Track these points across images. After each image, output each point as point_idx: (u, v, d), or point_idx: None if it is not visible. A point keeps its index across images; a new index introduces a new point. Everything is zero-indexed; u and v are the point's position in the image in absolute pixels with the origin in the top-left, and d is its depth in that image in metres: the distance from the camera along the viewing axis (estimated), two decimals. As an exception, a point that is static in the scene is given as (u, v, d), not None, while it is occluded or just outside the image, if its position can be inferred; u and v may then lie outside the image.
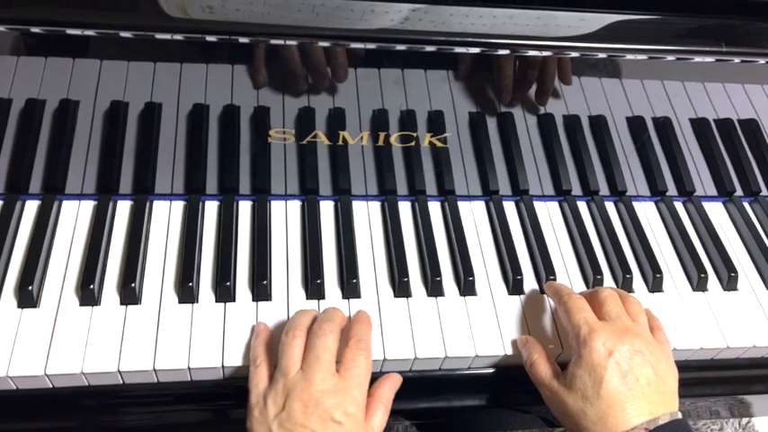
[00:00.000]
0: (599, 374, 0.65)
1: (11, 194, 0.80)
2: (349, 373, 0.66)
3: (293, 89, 0.76)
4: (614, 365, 0.65)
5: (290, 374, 0.64)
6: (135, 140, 0.78)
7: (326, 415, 0.62)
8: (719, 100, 0.86)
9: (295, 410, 0.62)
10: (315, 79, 0.75)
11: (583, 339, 0.67)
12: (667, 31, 0.76)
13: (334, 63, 0.73)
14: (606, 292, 0.74)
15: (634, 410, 0.64)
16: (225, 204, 0.83)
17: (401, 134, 0.81)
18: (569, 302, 0.72)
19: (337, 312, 0.72)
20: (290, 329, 0.68)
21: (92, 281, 0.73)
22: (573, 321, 0.70)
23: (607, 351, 0.66)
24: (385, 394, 0.69)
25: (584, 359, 0.66)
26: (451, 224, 0.85)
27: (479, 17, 0.72)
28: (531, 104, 0.82)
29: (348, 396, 0.64)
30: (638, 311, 0.73)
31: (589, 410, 0.65)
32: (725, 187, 0.93)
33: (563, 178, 0.89)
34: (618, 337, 0.67)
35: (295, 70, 0.74)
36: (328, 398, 0.63)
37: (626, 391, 0.65)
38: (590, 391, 0.65)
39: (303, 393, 0.63)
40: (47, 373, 0.67)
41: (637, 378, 0.65)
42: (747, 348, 0.80)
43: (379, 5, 0.70)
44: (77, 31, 0.66)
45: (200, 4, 0.67)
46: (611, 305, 0.72)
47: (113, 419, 0.73)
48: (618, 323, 0.69)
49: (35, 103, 0.74)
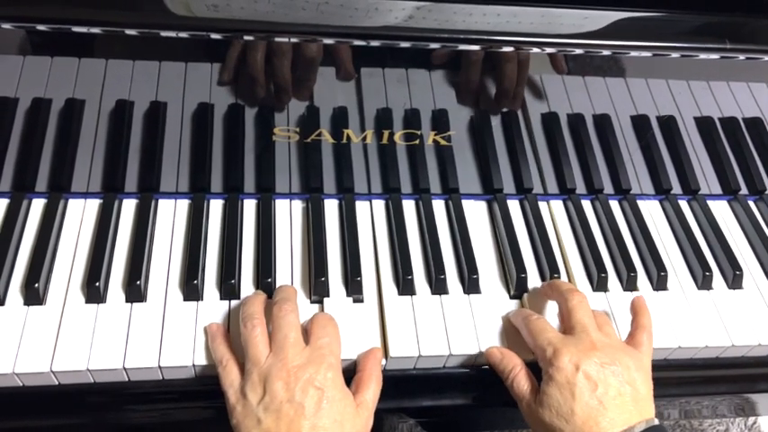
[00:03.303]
0: (569, 391, 0.66)
1: (17, 193, 0.80)
2: (319, 343, 0.67)
3: (297, 88, 0.76)
4: (583, 380, 0.66)
5: (262, 361, 0.65)
6: (140, 139, 0.79)
7: (308, 384, 0.63)
8: (724, 98, 0.86)
9: (276, 390, 0.63)
10: (318, 78, 0.76)
11: (549, 360, 0.68)
12: (671, 29, 0.76)
13: (339, 62, 0.73)
14: (575, 299, 0.73)
15: (608, 423, 0.64)
16: (230, 203, 0.83)
17: (405, 132, 0.82)
18: (530, 325, 0.72)
19: (291, 290, 0.73)
20: (247, 320, 0.68)
21: (97, 278, 0.74)
22: (537, 343, 0.70)
23: (574, 366, 0.66)
24: (374, 368, 0.70)
25: (554, 378, 0.67)
26: (456, 222, 0.85)
27: (483, 15, 0.72)
28: (534, 102, 0.82)
29: (324, 363, 0.65)
30: (602, 323, 0.73)
31: (565, 428, 0.65)
32: (730, 186, 0.93)
33: (567, 177, 0.89)
34: (583, 351, 0.67)
35: (298, 69, 0.74)
36: (305, 369, 0.64)
37: (597, 404, 0.65)
38: (563, 409, 0.66)
39: (281, 372, 0.63)
40: (53, 369, 0.68)
41: (606, 390, 0.66)
42: (752, 347, 0.80)
43: (383, 3, 0.70)
44: (83, 29, 0.66)
45: (205, 3, 0.68)
46: (578, 315, 0.71)
47: (119, 416, 0.73)
48: (583, 337, 0.69)
49: (41, 103, 0.75)
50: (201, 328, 0.72)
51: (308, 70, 0.74)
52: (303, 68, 0.74)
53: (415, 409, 0.82)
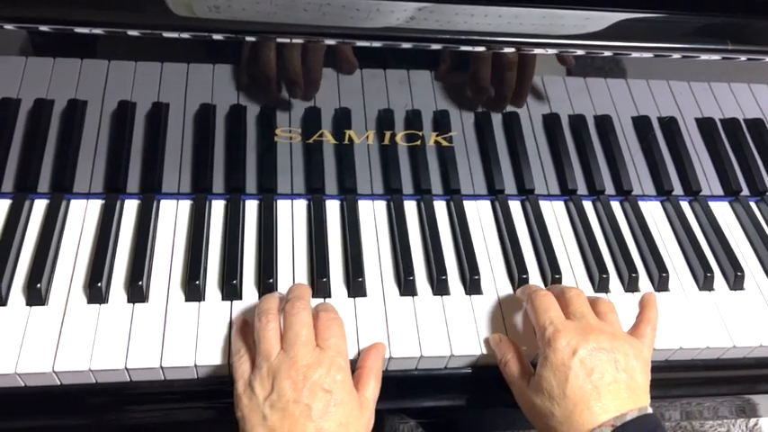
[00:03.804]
0: (563, 374, 0.65)
1: (20, 193, 0.80)
2: (328, 343, 0.66)
3: (299, 88, 0.76)
4: (578, 364, 0.65)
5: (273, 357, 0.65)
6: (142, 140, 0.79)
7: (316, 386, 0.63)
8: (725, 99, 0.86)
9: (284, 389, 0.62)
10: (319, 78, 0.76)
11: (548, 340, 0.68)
12: (673, 29, 0.76)
13: (340, 59, 0.74)
14: (573, 291, 0.73)
15: (600, 408, 0.64)
16: (231, 203, 0.83)
17: (407, 133, 0.82)
18: (536, 300, 0.72)
19: (305, 289, 0.72)
20: (262, 314, 0.68)
21: (99, 279, 0.74)
22: (539, 321, 0.70)
23: (571, 350, 0.66)
24: (374, 364, 0.70)
25: (550, 360, 0.66)
26: (457, 223, 0.86)
27: (484, 16, 0.72)
28: (535, 103, 0.82)
29: (334, 365, 0.65)
30: (607, 310, 0.72)
31: (556, 411, 0.65)
32: (731, 187, 0.93)
33: (569, 178, 0.89)
34: (582, 335, 0.67)
35: (299, 70, 0.74)
36: (315, 370, 0.63)
37: (591, 389, 0.65)
38: (556, 392, 0.65)
39: (290, 371, 0.63)
40: (55, 370, 0.68)
41: (602, 375, 0.65)
42: (754, 348, 0.80)
43: (385, 4, 0.70)
44: (85, 30, 0.66)
45: (207, 4, 0.68)
46: (576, 304, 0.71)
47: (121, 417, 0.73)
48: (583, 321, 0.69)
49: (43, 103, 0.75)
50: (203, 328, 0.72)
51: (311, 71, 0.74)
52: (305, 69, 0.74)
53: (416, 409, 0.82)
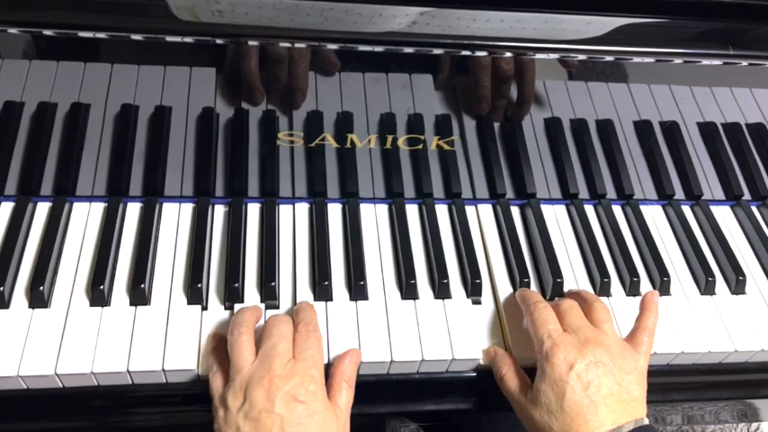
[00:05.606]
0: (561, 389, 0.66)
1: (23, 196, 0.80)
2: (303, 355, 0.66)
3: (301, 92, 0.77)
4: (575, 379, 0.66)
5: (245, 369, 0.65)
6: (145, 143, 0.79)
7: (289, 396, 0.63)
8: (727, 104, 0.86)
9: (257, 399, 0.62)
10: (322, 83, 0.76)
11: (545, 354, 0.68)
12: (674, 35, 0.77)
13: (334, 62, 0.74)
14: (566, 304, 0.74)
15: (597, 421, 0.64)
16: (234, 207, 0.83)
17: (409, 137, 0.82)
18: (535, 313, 0.72)
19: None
20: (234, 327, 0.69)
21: (102, 282, 0.74)
22: (537, 335, 0.70)
23: (568, 365, 0.67)
24: (346, 371, 0.69)
25: (547, 374, 0.67)
26: (459, 227, 0.86)
27: (486, 21, 0.72)
28: (537, 108, 0.82)
29: (307, 376, 0.65)
30: (603, 319, 0.72)
31: (554, 424, 0.66)
32: (733, 191, 0.93)
33: (570, 182, 0.89)
34: (579, 349, 0.68)
35: (302, 74, 0.74)
36: (288, 381, 0.63)
37: (588, 403, 0.65)
38: (554, 406, 0.66)
39: (263, 381, 0.63)
40: (57, 372, 0.68)
41: (598, 389, 0.66)
42: (756, 352, 0.80)
43: (387, 9, 0.71)
44: (89, 34, 0.67)
45: (210, 8, 0.68)
46: (571, 317, 0.72)
47: (122, 419, 0.73)
48: (580, 335, 0.69)
49: (47, 107, 0.75)
50: (205, 331, 0.73)
51: (301, 78, 0.75)
52: (306, 73, 0.74)
53: (417, 413, 0.82)
